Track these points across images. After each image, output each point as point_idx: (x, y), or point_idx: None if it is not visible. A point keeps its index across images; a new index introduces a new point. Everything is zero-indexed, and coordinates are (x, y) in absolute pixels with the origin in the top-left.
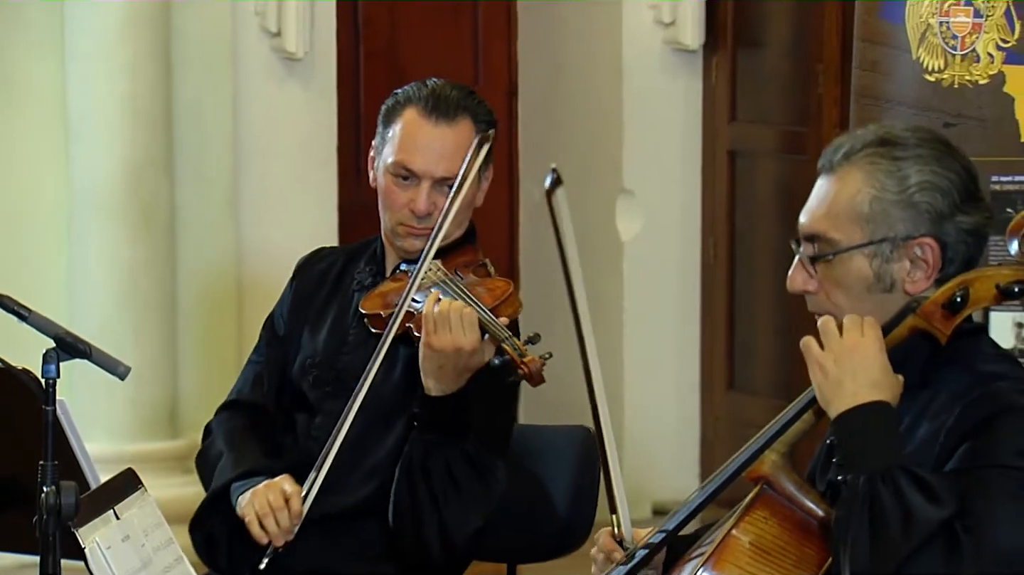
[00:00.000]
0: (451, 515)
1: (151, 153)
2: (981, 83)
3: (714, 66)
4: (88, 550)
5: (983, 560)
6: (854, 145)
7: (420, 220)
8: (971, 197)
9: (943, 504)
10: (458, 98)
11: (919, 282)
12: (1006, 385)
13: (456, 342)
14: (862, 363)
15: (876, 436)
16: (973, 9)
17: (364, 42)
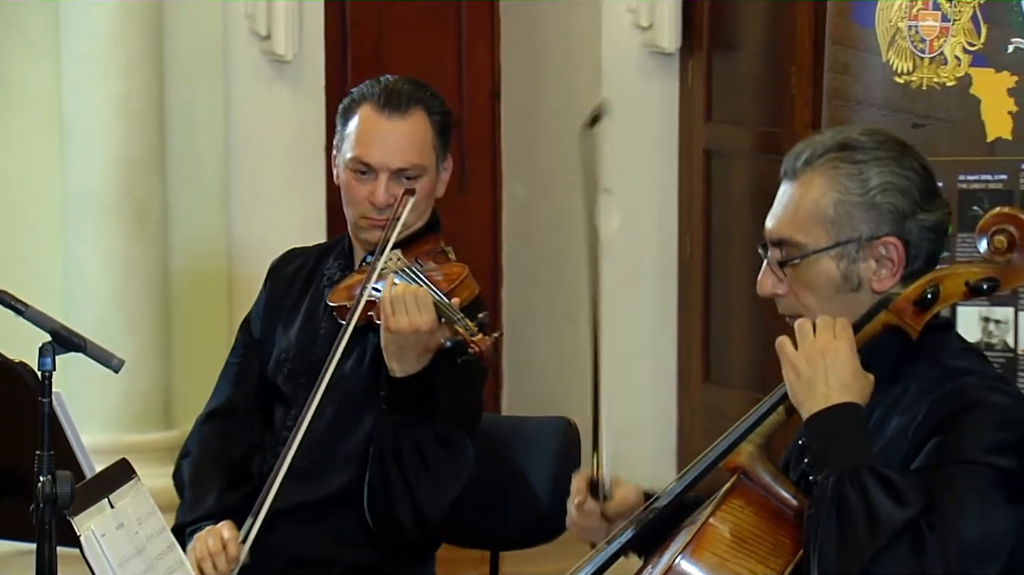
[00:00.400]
0: (423, 493)
1: (144, 153)
2: (949, 85)
3: (690, 68)
4: (83, 538)
5: (948, 556)
6: (815, 151)
7: (380, 212)
8: (930, 194)
9: (908, 504)
10: (409, 91)
11: (885, 280)
12: (973, 380)
13: (413, 323)
14: (833, 364)
15: (846, 437)
16: (941, 13)
17: (351, 45)
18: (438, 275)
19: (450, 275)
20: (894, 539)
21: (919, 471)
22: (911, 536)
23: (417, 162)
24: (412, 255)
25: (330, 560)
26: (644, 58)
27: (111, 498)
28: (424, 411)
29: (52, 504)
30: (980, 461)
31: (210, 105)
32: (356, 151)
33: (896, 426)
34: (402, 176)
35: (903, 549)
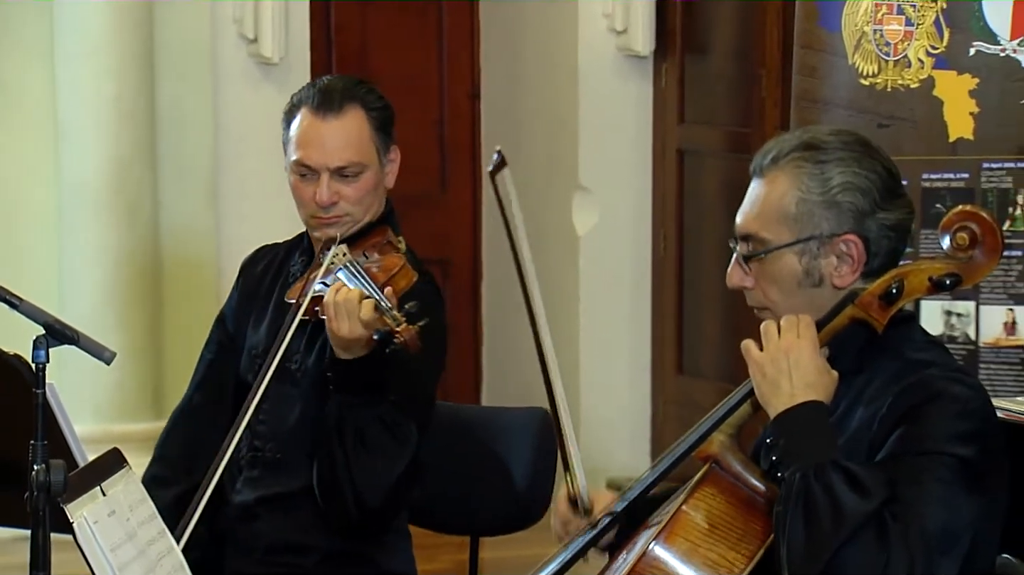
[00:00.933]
0: (362, 475)
1: (136, 151)
2: (912, 87)
3: (664, 71)
4: (76, 524)
5: (911, 546)
6: (781, 150)
7: (326, 210)
8: (891, 194)
9: (871, 496)
10: (344, 90)
11: (846, 276)
12: (935, 372)
13: (353, 330)
14: (797, 364)
15: (811, 435)
16: (905, 17)
17: (336, 48)
18: (376, 267)
19: (387, 267)
20: (858, 531)
21: (884, 462)
22: (875, 527)
23: (355, 159)
24: (360, 249)
25: (307, 547)
26: (619, 61)
27: (103, 486)
28: (369, 394)
29: (46, 492)
30: (942, 451)
31: (199, 105)
32: (297, 154)
33: (861, 416)
34: (343, 173)
35: (868, 540)
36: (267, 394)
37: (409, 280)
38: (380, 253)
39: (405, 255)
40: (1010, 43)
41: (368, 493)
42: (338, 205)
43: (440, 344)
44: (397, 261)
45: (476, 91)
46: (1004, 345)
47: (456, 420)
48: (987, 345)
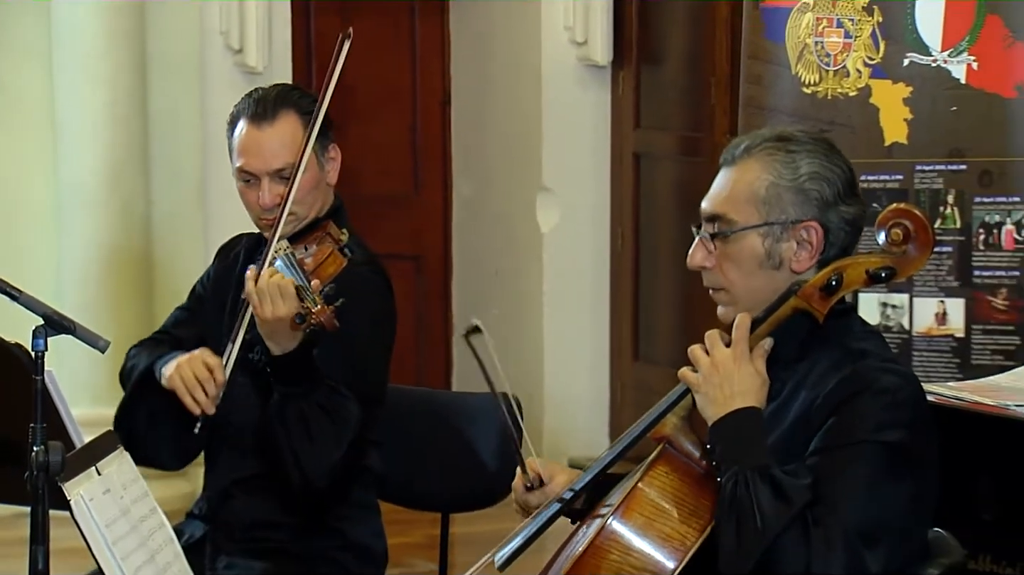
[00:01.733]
0: (307, 459)
1: (129, 154)
2: (851, 95)
3: (621, 79)
4: (73, 502)
5: (831, 548)
6: (754, 141)
7: (270, 212)
8: (851, 192)
9: (792, 502)
10: (276, 97)
11: (803, 261)
12: (870, 362)
13: (276, 313)
14: (727, 376)
15: (742, 441)
16: (844, 30)
17: (316, 58)
18: (308, 258)
19: (318, 256)
20: (782, 534)
21: (813, 454)
22: (799, 529)
23: (291, 160)
24: (303, 243)
25: (282, 523)
26: (579, 70)
27: (98, 466)
28: (306, 384)
29: (45, 471)
30: (869, 440)
31: (188, 111)
32: (239, 162)
33: (804, 400)
34: (282, 176)
35: (793, 541)
36: (233, 383)
37: (338, 266)
38: (317, 245)
39: (343, 245)
40: (941, 54)
41: (313, 475)
42: (279, 206)
43: (380, 324)
44: (327, 250)
45: (447, 98)
46: (936, 334)
47: (428, 404)
48: (920, 334)
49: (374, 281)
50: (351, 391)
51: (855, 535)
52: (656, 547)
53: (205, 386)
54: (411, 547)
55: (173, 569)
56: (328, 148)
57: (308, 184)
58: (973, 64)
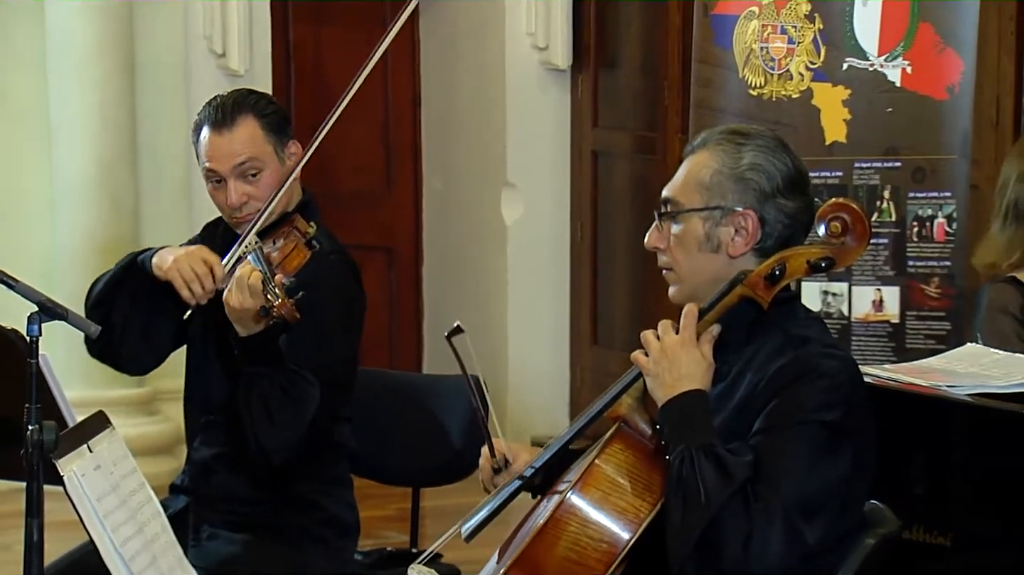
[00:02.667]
0: (264, 436)
1: (118, 151)
2: (794, 97)
3: (580, 82)
4: (66, 477)
5: (771, 521)
6: (711, 135)
7: (238, 210)
8: (794, 188)
9: (734, 478)
10: (234, 103)
11: (739, 247)
12: (812, 348)
13: (243, 303)
14: (674, 360)
15: (688, 422)
16: (787, 36)
17: (294, 61)
18: (275, 252)
19: (283, 251)
20: (723, 509)
21: (755, 433)
22: (740, 504)
23: (251, 156)
24: (272, 237)
25: (260, 497)
26: (541, 74)
27: (90, 444)
28: (270, 366)
29: (39, 449)
30: (809, 420)
31: (174, 112)
32: (205, 165)
33: (749, 382)
34: (243, 171)
35: (734, 515)
36: (212, 367)
37: (302, 259)
38: (284, 239)
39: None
40: (878, 59)
41: (270, 452)
42: (248, 204)
43: (346, 310)
44: (293, 244)
45: (417, 99)
46: (873, 320)
47: (400, 386)
48: (858, 320)
49: (341, 270)
50: (317, 374)
51: (794, 509)
52: (612, 519)
53: (203, 281)
54: (384, 520)
55: (160, 540)
56: (287, 144)
57: (271, 181)
58: (907, 68)
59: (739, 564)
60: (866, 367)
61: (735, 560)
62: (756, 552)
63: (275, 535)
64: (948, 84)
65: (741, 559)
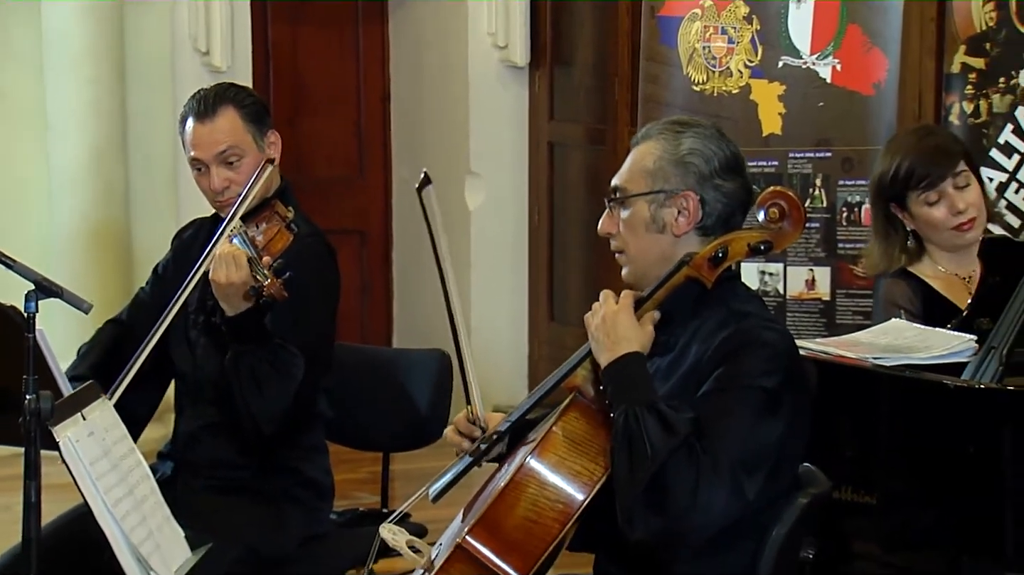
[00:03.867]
0: (257, 408)
1: (110, 143)
2: (733, 92)
3: (537, 78)
4: (61, 443)
5: (718, 473)
6: (655, 126)
7: (221, 195)
8: (730, 171)
9: (677, 433)
10: (216, 95)
11: (682, 227)
12: (752, 322)
13: (229, 278)
14: (614, 326)
15: (630, 381)
16: (727, 37)
17: (273, 59)
18: (260, 236)
19: (267, 234)
20: (669, 460)
21: (703, 395)
22: (685, 456)
23: (232, 143)
24: (254, 221)
25: (243, 463)
26: (501, 71)
27: (83, 412)
28: (256, 342)
29: (37, 417)
30: (751, 385)
31: (162, 106)
32: (189, 154)
33: (696, 352)
34: (225, 158)
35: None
36: (199, 342)
37: (285, 241)
38: (267, 223)
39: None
40: (810, 57)
41: (262, 422)
42: (230, 188)
43: (324, 288)
44: (276, 228)
45: (387, 95)
46: (806, 298)
47: (372, 359)
48: (793, 298)
49: (318, 251)
50: (299, 347)
51: (738, 463)
52: (568, 482)
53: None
54: (357, 482)
55: (149, 502)
56: (267, 134)
57: (251, 167)
58: (837, 66)
59: (685, 513)
60: (800, 341)
61: (681, 510)
62: (702, 503)
63: (256, 496)
64: (874, 81)
65: (687, 509)
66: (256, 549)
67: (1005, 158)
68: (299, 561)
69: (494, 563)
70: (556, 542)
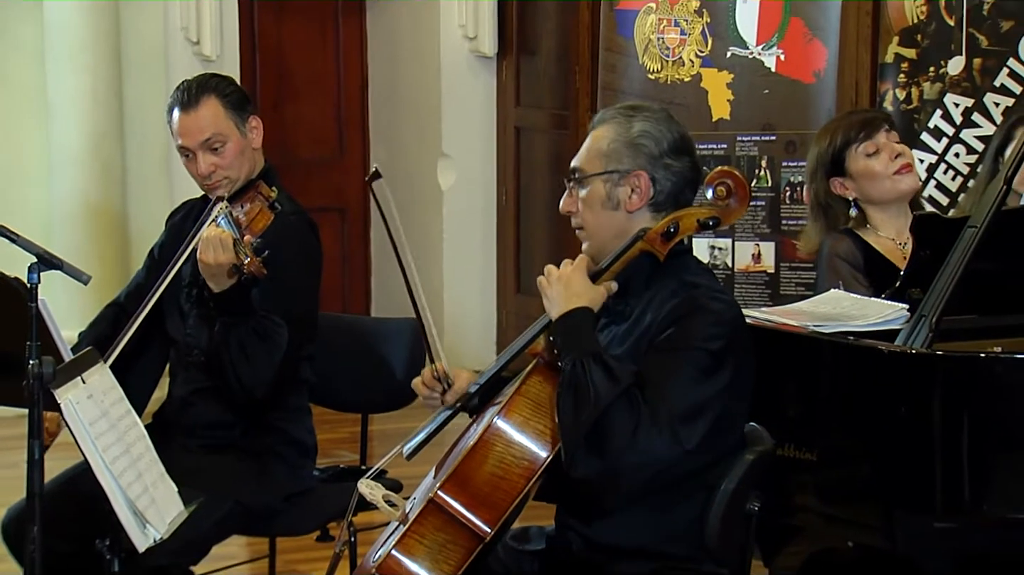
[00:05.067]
0: (245, 375)
1: (108, 127)
2: (685, 80)
3: (504, 67)
4: (63, 405)
5: (656, 422)
6: (609, 112)
7: (208, 179)
8: (679, 151)
9: (620, 381)
10: (198, 85)
11: (635, 204)
12: (700, 291)
13: (217, 259)
14: (567, 284)
15: (576, 333)
16: (680, 28)
17: (259, 49)
18: (243, 216)
19: (250, 214)
20: (611, 406)
21: (653, 351)
22: (626, 404)
23: (215, 131)
24: (239, 202)
25: (234, 423)
26: (471, 60)
27: (83, 376)
28: (242, 314)
29: (39, 380)
30: (696, 347)
31: (156, 93)
32: (177, 142)
33: (649, 320)
34: (209, 145)
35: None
36: (190, 314)
37: (266, 220)
38: (250, 203)
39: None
40: (756, 48)
41: (250, 388)
42: (216, 172)
43: (307, 262)
44: (258, 207)
45: (365, 82)
46: (752, 270)
47: (352, 328)
48: (740, 270)
49: (301, 228)
50: (284, 317)
51: (676, 414)
52: (532, 441)
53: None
54: (337, 441)
55: (144, 459)
56: (248, 119)
57: (235, 151)
58: (781, 56)
59: (622, 453)
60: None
61: (620, 449)
62: (639, 447)
63: (244, 455)
64: (815, 70)
65: (625, 448)
66: (244, 503)
67: (935, 141)
68: (284, 514)
69: (464, 515)
70: (522, 496)
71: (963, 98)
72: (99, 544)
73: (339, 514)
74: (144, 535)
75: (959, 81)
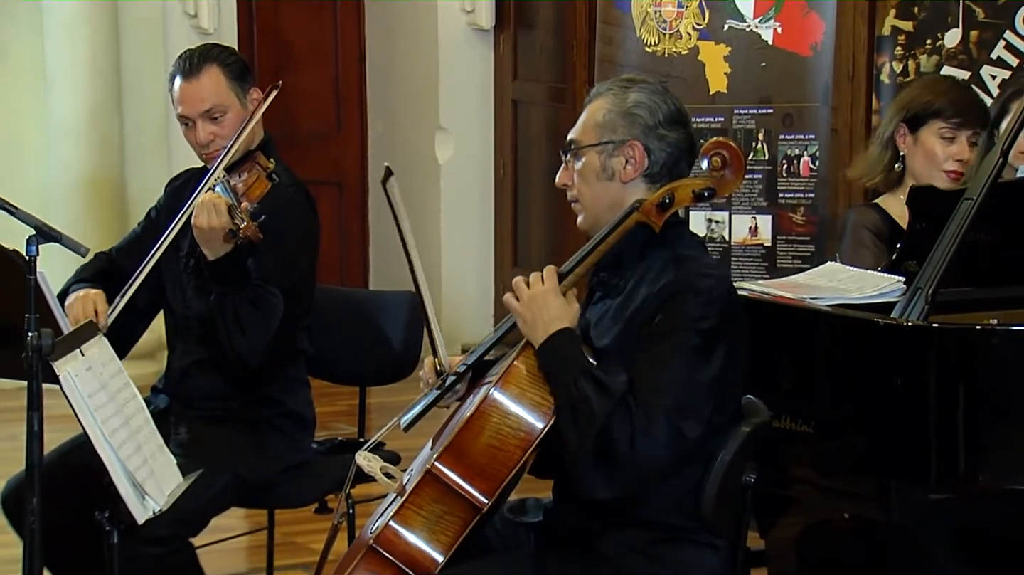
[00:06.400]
0: (239, 344)
1: (106, 98)
2: (683, 54)
3: (501, 41)
4: (62, 377)
5: (652, 421)
6: (604, 84)
7: (207, 147)
8: (674, 123)
9: (613, 393)
10: (200, 55)
11: (630, 174)
12: (691, 266)
13: (210, 223)
14: (544, 306)
15: (564, 356)
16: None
17: (257, 21)
18: (240, 184)
19: (247, 182)
20: (609, 420)
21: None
22: (623, 414)
23: (216, 102)
24: (237, 171)
25: (232, 394)
26: (469, 33)
27: (82, 348)
28: (236, 283)
29: (38, 352)
30: (687, 329)
31: (153, 64)
32: (177, 110)
33: (644, 293)
34: (210, 114)
35: (618, 424)
36: (189, 284)
37: (263, 189)
38: (248, 172)
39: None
40: (753, 21)
41: (245, 356)
42: (214, 141)
43: (303, 232)
44: (255, 176)
45: (363, 56)
46: (749, 243)
47: (350, 301)
48: (737, 243)
49: (299, 200)
50: (281, 288)
51: (673, 409)
52: (528, 411)
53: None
54: (336, 414)
55: (143, 431)
56: (249, 91)
57: (234, 121)
58: (778, 29)
59: (629, 460)
60: (743, 283)
61: (625, 458)
62: (642, 449)
63: (243, 426)
64: (812, 42)
65: (630, 455)
66: (243, 475)
67: None
68: (283, 486)
69: (461, 486)
70: (518, 467)
71: (960, 71)
72: (98, 516)
73: (337, 486)
74: (143, 507)
75: (956, 54)
